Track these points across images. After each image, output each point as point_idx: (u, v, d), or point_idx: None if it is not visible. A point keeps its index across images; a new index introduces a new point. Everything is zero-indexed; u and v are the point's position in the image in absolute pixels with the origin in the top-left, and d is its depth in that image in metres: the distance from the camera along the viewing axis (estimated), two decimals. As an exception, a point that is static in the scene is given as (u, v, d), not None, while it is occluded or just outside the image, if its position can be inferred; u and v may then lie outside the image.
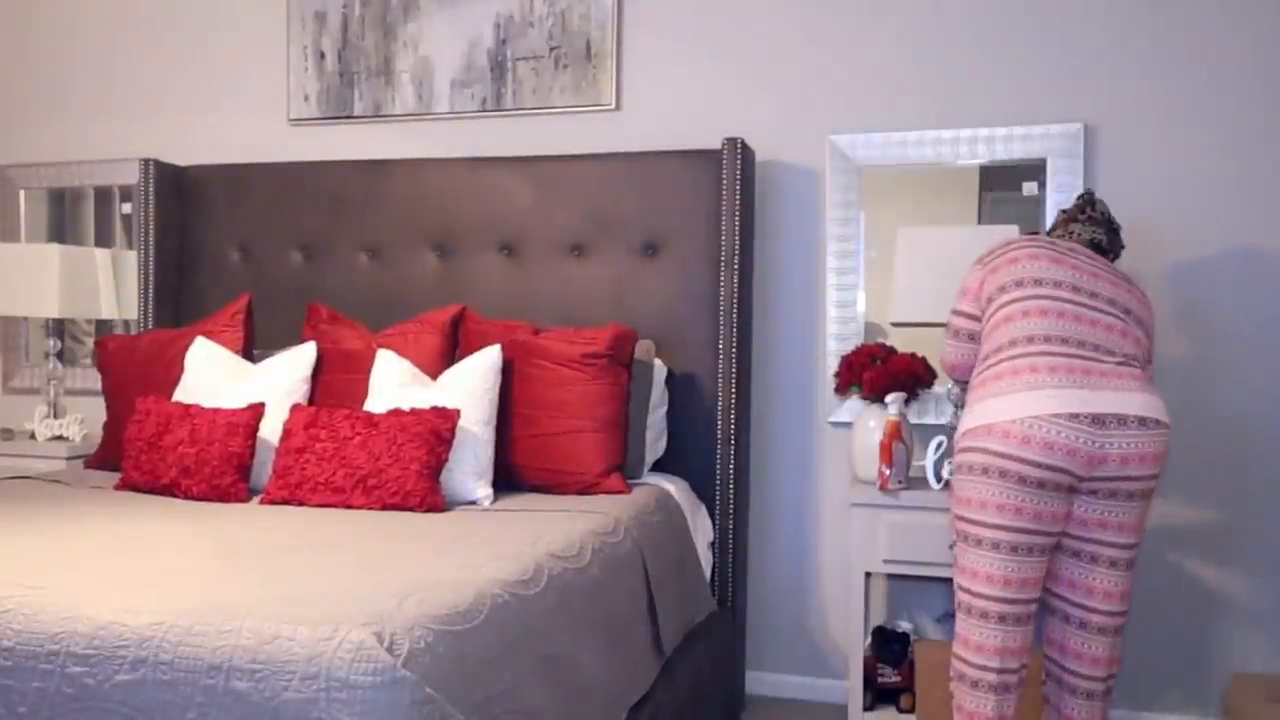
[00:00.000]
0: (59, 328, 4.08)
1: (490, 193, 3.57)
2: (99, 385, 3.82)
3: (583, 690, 2.04)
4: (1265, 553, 3.11)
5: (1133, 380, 2.28)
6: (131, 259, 4.07)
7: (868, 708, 3.08)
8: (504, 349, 3.05)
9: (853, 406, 3.40)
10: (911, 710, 3.06)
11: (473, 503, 2.82)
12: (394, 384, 3.00)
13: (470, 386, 2.92)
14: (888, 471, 2.97)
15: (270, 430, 3.00)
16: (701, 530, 3.16)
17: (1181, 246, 3.17)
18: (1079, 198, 2.68)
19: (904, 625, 3.24)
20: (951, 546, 2.45)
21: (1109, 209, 2.79)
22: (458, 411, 2.82)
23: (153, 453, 2.92)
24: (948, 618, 3.28)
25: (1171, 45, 3.18)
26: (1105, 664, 2.38)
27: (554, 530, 2.38)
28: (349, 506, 2.70)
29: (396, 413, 2.81)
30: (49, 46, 4.31)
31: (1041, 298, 2.38)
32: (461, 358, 3.15)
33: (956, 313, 2.61)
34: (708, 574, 3.18)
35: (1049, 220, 3.20)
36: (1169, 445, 2.31)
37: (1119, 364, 2.30)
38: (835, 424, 3.46)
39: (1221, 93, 3.14)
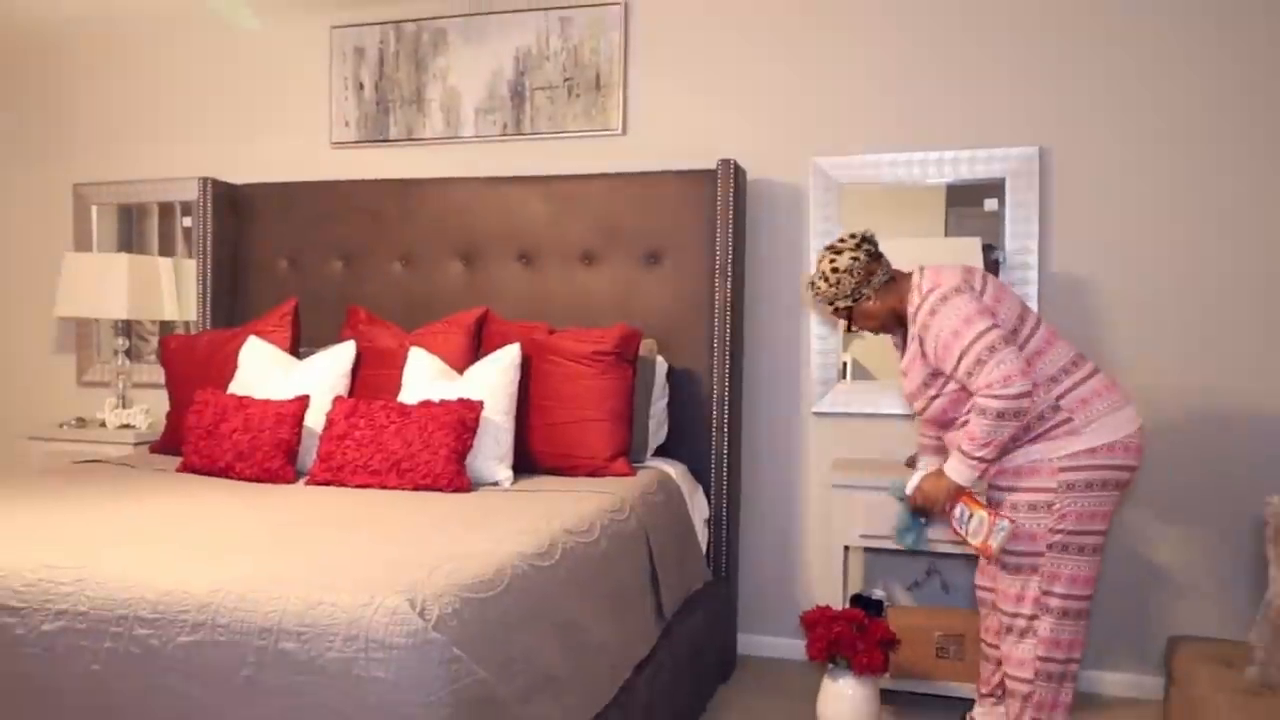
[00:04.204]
0: (127, 328, 4.08)
1: (510, 208, 3.56)
2: (162, 379, 3.82)
3: (593, 651, 2.04)
4: (1198, 528, 3.10)
5: None
6: (191, 267, 4.06)
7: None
8: (522, 347, 3.04)
9: (834, 399, 3.40)
10: (885, 669, 3.05)
11: (495, 484, 2.82)
12: (425, 378, 3.00)
13: (492, 380, 2.92)
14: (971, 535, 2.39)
15: (315, 419, 3.00)
16: (699, 508, 3.16)
17: (1128, 257, 3.16)
18: (859, 234, 2.44)
19: (878, 593, 3.23)
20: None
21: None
22: (481, 403, 2.82)
23: (210, 439, 2.92)
24: (916, 586, 3.28)
25: (1119, 76, 3.16)
26: None
27: (567, 509, 2.38)
28: (385, 487, 2.70)
29: (427, 404, 2.81)
30: (119, 79, 4.30)
31: (1041, 323, 2.40)
32: (485, 355, 3.14)
33: (988, 330, 2.20)
34: (704, 547, 3.17)
35: (1008, 233, 3.19)
36: None
37: None
38: (818, 414, 3.45)
39: (1164, 119, 3.12)
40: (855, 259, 2.40)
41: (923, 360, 2.36)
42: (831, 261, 2.42)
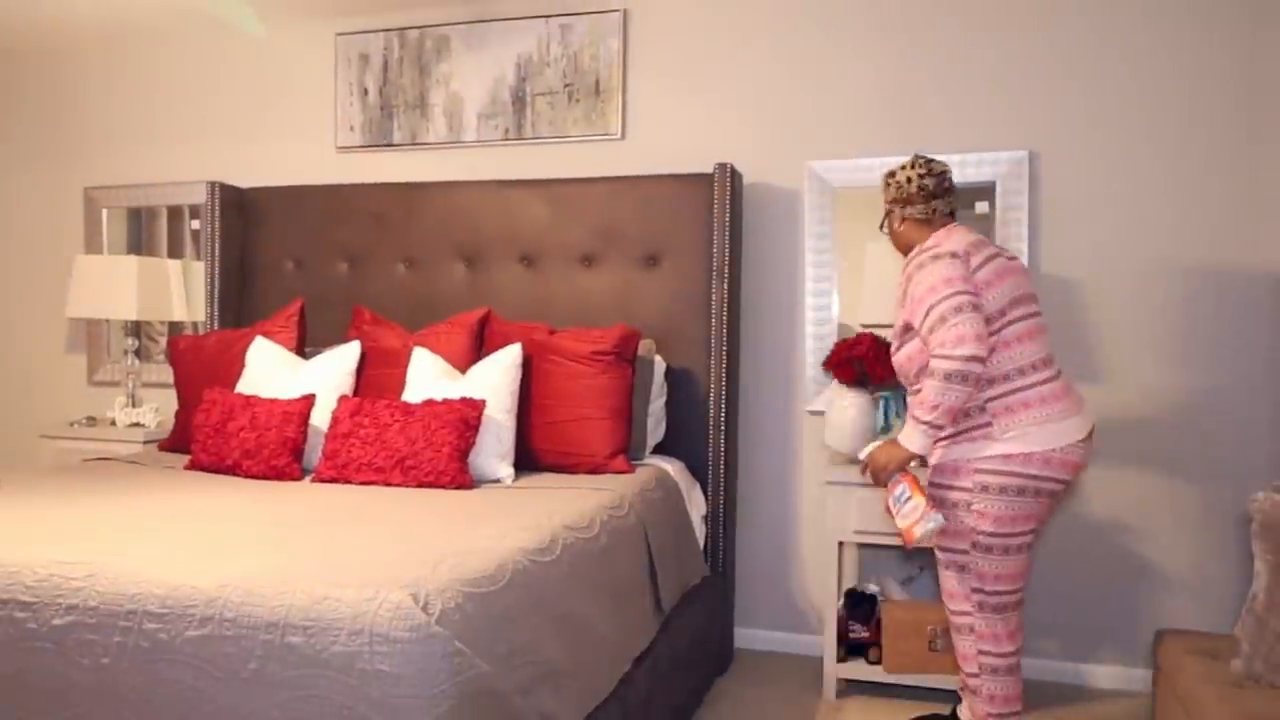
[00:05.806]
0: (136, 328, 4.07)
1: (512, 211, 3.56)
2: (171, 378, 3.82)
3: (593, 644, 2.03)
4: (1185, 523, 3.10)
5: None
6: (199, 269, 4.06)
7: (840, 659, 3.07)
8: (524, 347, 3.04)
9: (826, 396, 3.39)
10: (878, 662, 3.05)
11: (496, 481, 2.82)
12: (428, 377, 3.00)
13: (494, 380, 2.92)
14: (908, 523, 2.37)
15: (320, 418, 2.99)
16: (696, 505, 3.15)
17: (1116, 258, 3.16)
18: (935, 170, 2.41)
19: (872, 588, 3.23)
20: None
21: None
22: (483, 401, 2.81)
23: (218, 437, 2.91)
24: (909, 581, 3.27)
25: (1108, 82, 3.16)
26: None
27: (568, 505, 2.38)
28: (389, 484, 2.69)
29: (430, 403, 2.80)
30: (129, 85, 4.30)
31: (1028, 318, 2.31)
32: (487, 354, 3.14)
33: (960, 293, 2.18)
34: (701, 543, 3.17)
35: (999, 235, 3.20)
36: None
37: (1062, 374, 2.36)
38: (812, 412, 3.45)
39: (1147, 124, 3.13)
40: (909, 179, 2.44)
41: (900, 306, 2.39)
42: (893, 170, 2.50)
